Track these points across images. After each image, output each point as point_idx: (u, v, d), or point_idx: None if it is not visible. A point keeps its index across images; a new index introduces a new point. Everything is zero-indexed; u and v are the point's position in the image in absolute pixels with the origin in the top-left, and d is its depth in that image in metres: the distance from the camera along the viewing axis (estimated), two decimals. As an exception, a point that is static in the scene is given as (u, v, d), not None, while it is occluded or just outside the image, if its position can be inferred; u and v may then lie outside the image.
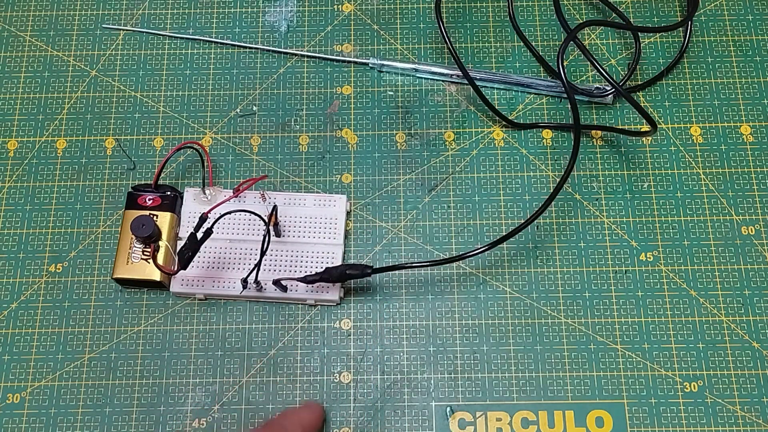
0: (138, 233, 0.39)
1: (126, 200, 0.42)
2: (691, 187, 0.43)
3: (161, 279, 0.41)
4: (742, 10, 0.47)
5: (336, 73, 0.46)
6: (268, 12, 0.48)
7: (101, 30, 0.48)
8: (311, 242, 0.41)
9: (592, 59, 0.41)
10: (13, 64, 0.47)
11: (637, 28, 0.46)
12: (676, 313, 0.41)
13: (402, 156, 0.45)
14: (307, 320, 0.41)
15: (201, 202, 0.42)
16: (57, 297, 0.42)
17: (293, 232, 0.42)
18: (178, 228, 0.42)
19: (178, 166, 0.44)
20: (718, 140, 0.44)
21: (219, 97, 0.46)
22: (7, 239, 0.43)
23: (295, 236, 0.42)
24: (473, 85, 0.43)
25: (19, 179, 0.44)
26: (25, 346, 0.41)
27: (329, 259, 0.41)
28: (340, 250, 0.41)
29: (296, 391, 0.40)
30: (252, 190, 0.43)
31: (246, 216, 0.41)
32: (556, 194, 0.40)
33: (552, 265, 0.42)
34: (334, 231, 0.42)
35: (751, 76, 0.46)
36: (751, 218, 0.43)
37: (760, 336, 0.40)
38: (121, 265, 0.41)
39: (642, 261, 0.42)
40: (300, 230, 0.42)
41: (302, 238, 0.41)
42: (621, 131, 0.43)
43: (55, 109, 0.46)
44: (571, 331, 0.41)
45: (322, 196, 0.42)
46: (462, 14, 0.48)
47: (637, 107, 0.40)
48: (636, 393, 0.40)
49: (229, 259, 0.41)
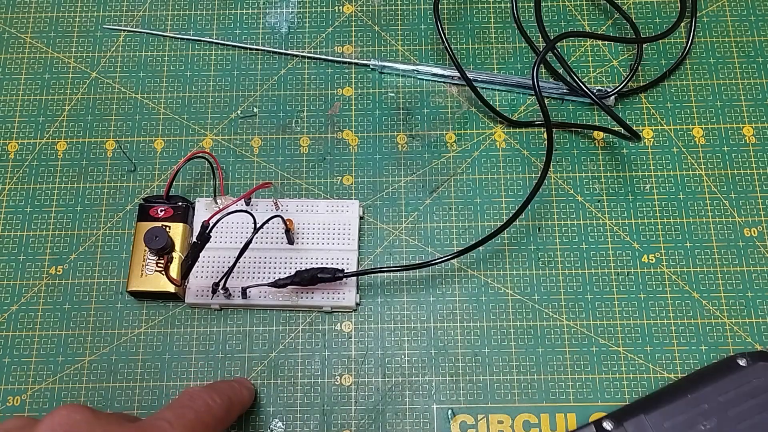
0: (152, 245, 0.39)
1: (138, 212, 0.42)
2: (694, 189, 0.43)
3: (176, 290, 0.40)
4: (744, 12, 0.47)
5: (337, 75, 0.46)
6: (269, 13, 0.48)
7: (102, 31, 0.48)
8: (325, 249, 0.41)
9: (570, 71, 0.42)
10: (14, 66, 0.47)
11: (615, 39, 0.45)
12: (679, 315, 0.41)
13: (403, 157, 0.44)
14: (308, 323, 0.41)
15: (213, 211, 0.41)
16: (57, 299, 0.42)
17: (306, 239, 0.41)
18: (191, 238, 0.42)
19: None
20: (720, 141, 0.44)
21: (220, 98, 0.46)
22: (7, 241, 0.43)
23: (308, 243, 0.41)
24: (471, 86, 0.43)
25: (20, 181, 0.44)
26: (26, 348, 0.41)
27: (344, 266, 0.41)
28: (354, 255, 0.41)
29: (297, 393, 0.40)
30: (265, 197, 0.42)
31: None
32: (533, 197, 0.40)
33: (554, 267, 0.42)
34: (348, 237, 0.41)
35: (753, 77, 0.46)
36: (753, 220, 0.43)
37: (762, 338, 0.40)
38: (135, 278, 0.40)
39: (644, 263, 0.42)
40: (313, 237, 0.41)
41: (316, 245, 0.41)
42: (606, 130, 0.43)
43: (56, 111, 0.46)
44: (572, 333, 0.41)
45: (335, 202, 0.42)
46: (463, 15, 0.48)
47: (616, 119, 0.41)
48: (638, 395, 0.39)
49: (243, 268, 0.41)
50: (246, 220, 0.41)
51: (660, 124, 0.45)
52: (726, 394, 0.36)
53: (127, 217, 0.43)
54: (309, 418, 0.40)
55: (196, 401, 0.34)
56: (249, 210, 0.41)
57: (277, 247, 0.41)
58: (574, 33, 0.44)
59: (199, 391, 0.35)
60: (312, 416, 0.40)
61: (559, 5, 0.48)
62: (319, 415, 0.40)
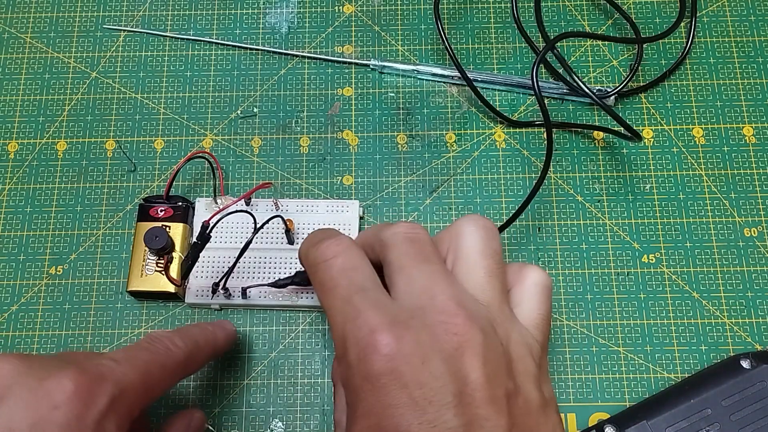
0: (152, 245, 0.39)
1: (138, 212, 0.42)
2: (694, 189, 0.43)
3: (176, 291, 0.40)
4: (744, 12, 0.47)
5: (337, 75, 0.46)
6: (269, 13, 0.48)
7: (102, 31, 0.48)
8: None
9: (570, 71, 0.42)
10: (14, 66, 0.47)
11: (614, 39, 0.45)
12: (679, 316, 0.41)
13: (403, 157, 0.44)
14: (308, 322, 0.41)
15: (213, 211, 0.41)
16: (57, 299, 0.42)
17: None
18: (191, 238, 0.42)
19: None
20: (720, 141, 0.44)
21: (219, 98, 0.46)
22: (7, 241, 0.43)
23: None
24: (471, 86, 0.43)
25: (20, 181, 0.44)
26: (26, 348, 0.41)
27: None
28: None
29: (297, 393, 0.40)
30: (265, 197, 0.42)
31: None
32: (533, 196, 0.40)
33: (554, 267, 0.42)
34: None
35: (754, 77, 0.46)
36: (753, 220, 0.43)
37: (762, 338, 0.40)
38: (135, 278, 0.40)
39: (644, 263, 0.42)
40: None
41: None
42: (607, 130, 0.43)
43: (56, 111, 0.46)
44: (572, 333, 0.41)
45: (335, 202, 0.42)
46: (463, 15, 0.48)
47: (618, 119, 0.40)
48: (638, 395, 0.39)
49: (243, 268, 0.41)
50: (246, 220, 0.41)
51: (660, 124, 0.45)
52: (729, 398, 0.36)
53: (127, 217, 0.43)
54: (309, 418, 0.40)
55: (155, 343, 0.33)
56: (249, 210, 0.41)
57: (277, 247, 0.41)
58: (573, 33, 0.44)
59: (161, 333, 0.34)
60: (312, 416, 0.40)
61: (559, 5, 0.48)
62: (319, 415, 0.40)
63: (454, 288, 0.28)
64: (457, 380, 0.26)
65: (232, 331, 0.39)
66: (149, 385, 0.31)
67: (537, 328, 0.30)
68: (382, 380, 0.26)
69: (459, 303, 0.27)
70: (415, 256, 0.30)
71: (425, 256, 0.30)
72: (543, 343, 0.30)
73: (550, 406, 0.28)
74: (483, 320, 0.27)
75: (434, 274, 0.29)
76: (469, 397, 0.26)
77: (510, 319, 0.29)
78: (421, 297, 0.28)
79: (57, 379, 0.28)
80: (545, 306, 0.30)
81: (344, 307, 0.28)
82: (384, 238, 0.31)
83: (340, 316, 0.28)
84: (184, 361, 0.33)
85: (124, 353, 0.31)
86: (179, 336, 0.34)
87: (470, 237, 0.30)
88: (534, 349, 0.29)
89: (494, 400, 0.26)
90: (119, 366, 0.30)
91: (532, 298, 0.30)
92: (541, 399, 0.28)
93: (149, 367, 0.31)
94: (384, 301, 0.28)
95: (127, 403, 0.29)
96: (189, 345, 0.34)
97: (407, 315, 0.27)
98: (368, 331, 0.27)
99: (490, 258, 0.30)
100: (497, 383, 0.26)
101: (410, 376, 0.26)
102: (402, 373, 0.26)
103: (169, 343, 0.33)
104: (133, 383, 0.30)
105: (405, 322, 0.27)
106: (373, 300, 0.28)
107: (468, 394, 0.26)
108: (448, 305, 0.27)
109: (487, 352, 0.27)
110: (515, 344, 0.28)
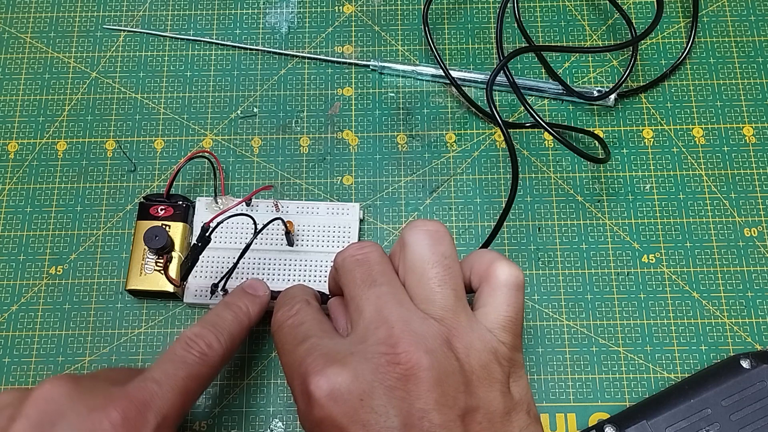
0: (151, 245, 0.39)
1: (138, 210, 0.42)
2: (694, 189, 0.43)
3: (174, 291, 0.40)
4: (744, 12, 0.47)
5: (337, 75, 0.46)
6: (269, 13, 0.48)
7: (102, 31, 0.48)
8: (325, 251, 0.41)
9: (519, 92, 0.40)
10: (14, 66, 0.47)
11: (573, 49, 0.45)
12: (679, 316, 0.41)
13: (403, 157, 0.44)
14: (308, 323, 0.41)
15: (213, 211, 0.41)
16: (57, 299, 0.42)
17: (306, 241, 0.41)
18: (191, 238, 0.42)
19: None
20: (720, 141, 0.44)
21: (219, 98, 0.46)
22: (7, 241, 0.43)
23: (308, 245, 0.41)
24: (456, 86, 0.43)
25: (20, 181, 0.44)
26: (26, 348, 0.41)
27: None
28: None
29: (297, 393, 0.40)
30: (265, 198, 0.43)
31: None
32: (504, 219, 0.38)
33: (554, 267, 0.42)
34: (348, 239, 0.41)
35: (754, 77, 0.46)
36: (753, 220, 0.43)
37: (762, 338, 0.40)
38: (134, 277, 0.40)
39: (644, 263, 0.42)
40: (313, 239, 0.41)
41: (315, 248, 0.41)
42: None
43: (56, 111, 0.46)
44: (572, 333, 0.41)
45: (335, 205, 0.42)
46: (463, 15, 0.48)
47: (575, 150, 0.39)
48: (638, 395, 0.39)
49: (242, 269, 0.41)
50: (246, 221, 0.41)
51: (660, 124, 0.45)
52: (729, 398, 0.36)
53: (127, 217, 0.43)
54: (309, 418, 0.40)
55: (191, 350, 0.32)
56: (249, 213, 0.41)
57: (277, 249, 0.41)
58: (527, 48, 0.42)
59: (196, 333, 0.33)
60: (312, 416, 0.40)
61: (559, 5, 0.48)
62: (319, 415, 0.40)
63: (401, 310, 0.28)
64: (402, 411, 0.26)
65: (265, 300, 0.37)
66: (188, 402, 0.32)
67: (505, 329, 0.29)
68: (323, 427, 0.26)
69: (403, 329, 0.27)
70: (362, 281, 0.29)
71: (372, 278, 0.29)
72: (513, 343, 0.29)
73: (518, 408, 0.28)
74: (431, 340, 0.27)
75: (380, 298, 0.28)
76: (416, 427, 0.25)
77: (469, 326, 0.28)
78: (368, 328, 0.28)
79: (105, 412, 0.29)
80: (514, 306, 0.29)
81: (289, 360, 0.29)
82: (337, 266, 0.31)
83: (287, 370, 0.29)
84: (220, 363, 0.33)
85: (163, 373, 0.31)
86: (214, 334, 0.33)
87: (415, 246, 0.29)
88: (500, 352, 0.28)
89: (446, 425, 0.26)
90: (161, 389, 0.30)
91: (500, 299, 0.29)
92: (506, 405, 0.27)
93: (188, 383, 0.31)
94: (325, 344, 0.28)
95: (168, 425, 0.30)
96: (224, 343, 0.34)
97: (347, 352, 0.27)
98: (303, 379, 0.27)
99: (438, 266, 0.29)
100: (449, 404, 0.26)
101: (348, 417, 0.26)
102: (337, 416, 0.26)
103: (205, 346, 0.33)
104: (174, 406, 0.31)
105: (342, 360, 0.27)
106: (312, 347, 0.28)
107: (415, 425, 0.25)
108: (391, 334, 0.27)
109: (437, 375, 0.26)
110: (477, 353, 0.28)
